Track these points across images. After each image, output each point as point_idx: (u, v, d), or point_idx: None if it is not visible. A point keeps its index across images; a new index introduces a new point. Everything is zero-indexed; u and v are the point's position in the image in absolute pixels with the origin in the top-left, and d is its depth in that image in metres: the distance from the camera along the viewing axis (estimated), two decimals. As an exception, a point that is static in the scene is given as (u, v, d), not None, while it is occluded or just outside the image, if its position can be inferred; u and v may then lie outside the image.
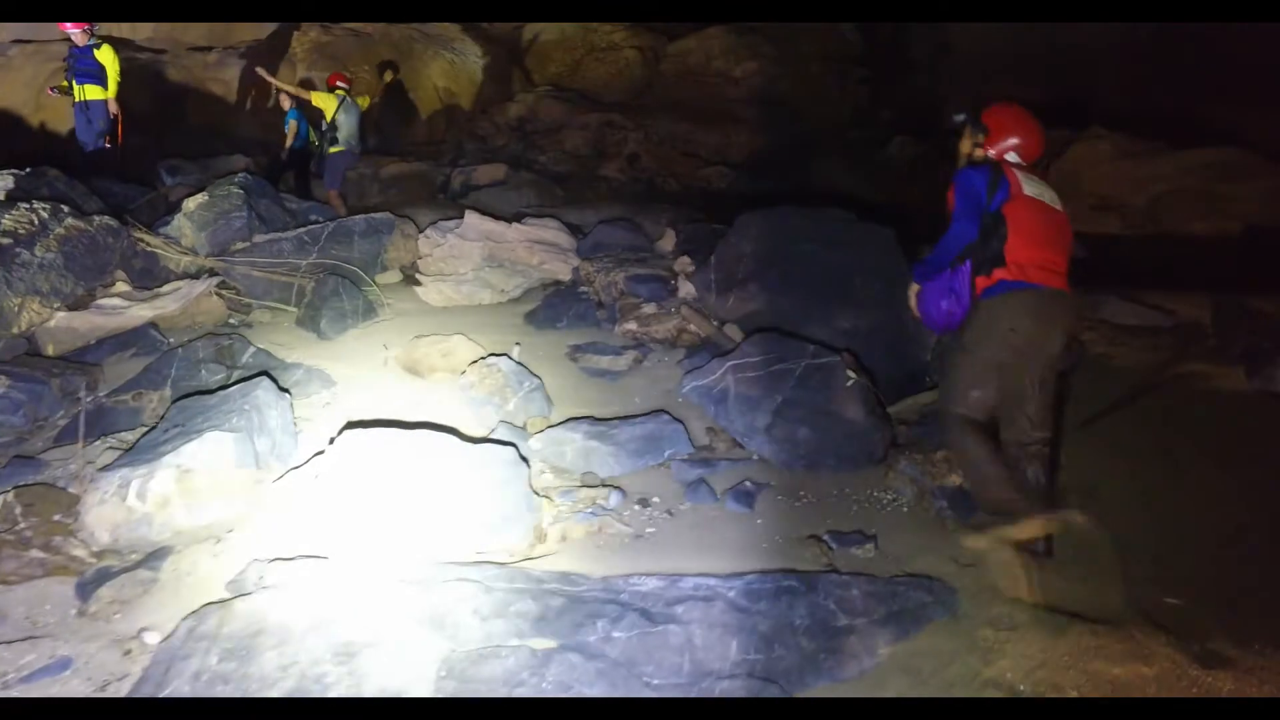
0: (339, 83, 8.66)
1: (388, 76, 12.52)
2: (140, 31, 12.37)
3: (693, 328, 5.20)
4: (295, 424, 4.00)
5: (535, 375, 4.51)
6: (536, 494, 3.08)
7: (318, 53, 12.49)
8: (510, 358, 4.56)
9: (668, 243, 6.73)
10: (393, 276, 6.69)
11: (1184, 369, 4.68)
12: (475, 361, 4.50)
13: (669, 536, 3.02)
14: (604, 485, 3.49)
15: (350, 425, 3.13)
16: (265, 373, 3.86)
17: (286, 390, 3.88)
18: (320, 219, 7.03)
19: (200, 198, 5.90)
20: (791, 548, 2.93)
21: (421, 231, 6.77)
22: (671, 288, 5.67)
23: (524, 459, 3.14)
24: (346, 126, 8.43)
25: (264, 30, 12.68)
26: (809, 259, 5.06)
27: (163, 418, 3.54)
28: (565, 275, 6.28)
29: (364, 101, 8.77)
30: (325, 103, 8.43)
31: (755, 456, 3.96)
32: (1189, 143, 9.05)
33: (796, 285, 4.92)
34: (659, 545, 2.94)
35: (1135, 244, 8.70)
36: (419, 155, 11.31)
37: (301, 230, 6.39)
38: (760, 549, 2.91)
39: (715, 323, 5.17)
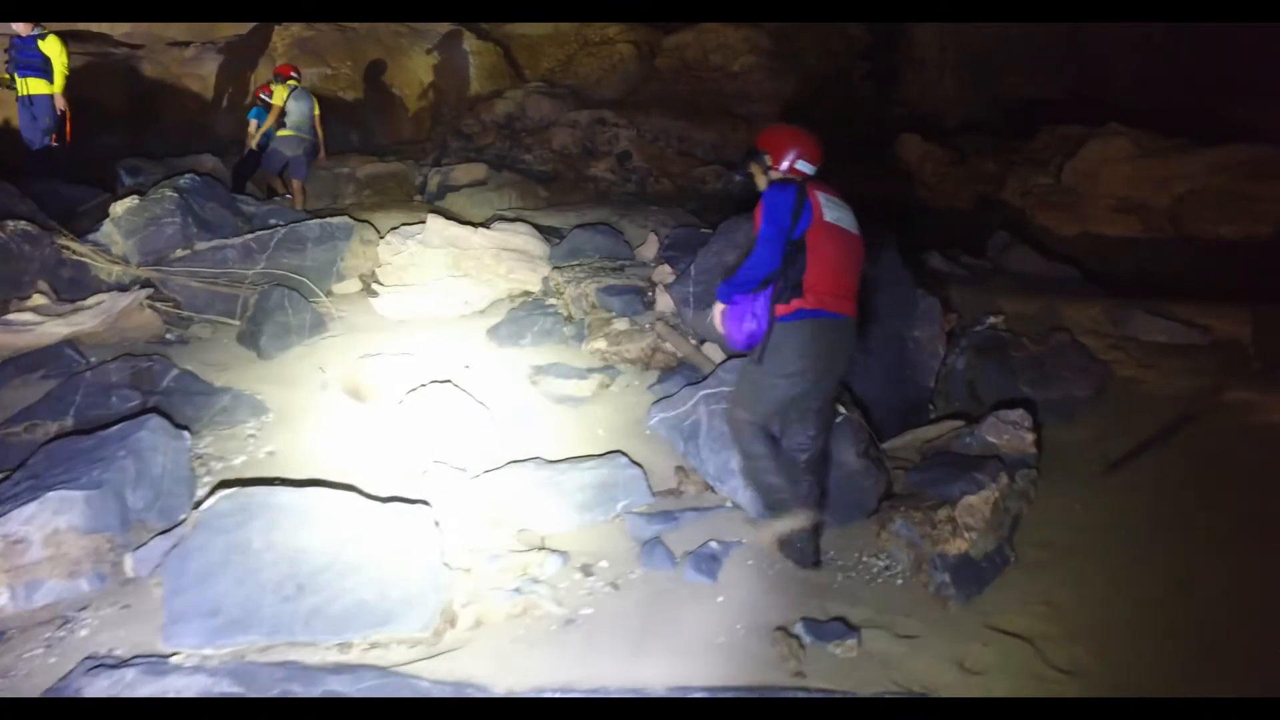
0: (290, 74, 8.26)
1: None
2: (118, 27, 11.91)
3: (668, 347, 4.64)
4: (199, 465, 3.48)
5: (483, 404, 3.97)
6: (449, 566, 2.53)
7: (299, 48, 11.97)
8: (455, 384, 4.03)
9: (650, 249, 6.17)
10: (351, 286, 6.16)
11: (1227, 397, 4.09)
12: (414, 389, 3.97)
13: (607, 622, 2.47)
14: (542, 548, 2.94)
15: (223, 484, 2.59)
16: (156, 409, 3.33)
17: (185, 428, 3.33)
18: (279, 223, 6.51)
19: (129, 202, 5.39)
20: (754, 642, 2.37)
21: (382, 237, 6.23)
22: (648, 300, 5.12)
23: (436, 523, 2.59)
24: (296, 112, 8.09)
25: (246, 25, 12.21)
26: (799, 270, 4.49)
27: (22, 465, 3.01)
28: (535, 285, 5.73)
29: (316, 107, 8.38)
30: (278, 94, 8.04)
31: (729, 503, 3.41)
32: (1212, 139, 8.42)
33: (784, 301, 4.36)
34: (592, 636, 2.39)
35: (1158, 248, 8.11)
36: (402, 154, 10.80)
37: (249, 236, 5.87)
38: (715, 645, 2.35)
39: (694, 341, 4.62)
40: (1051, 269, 6.75)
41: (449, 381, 4.03)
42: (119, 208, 5.33)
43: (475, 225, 6.50)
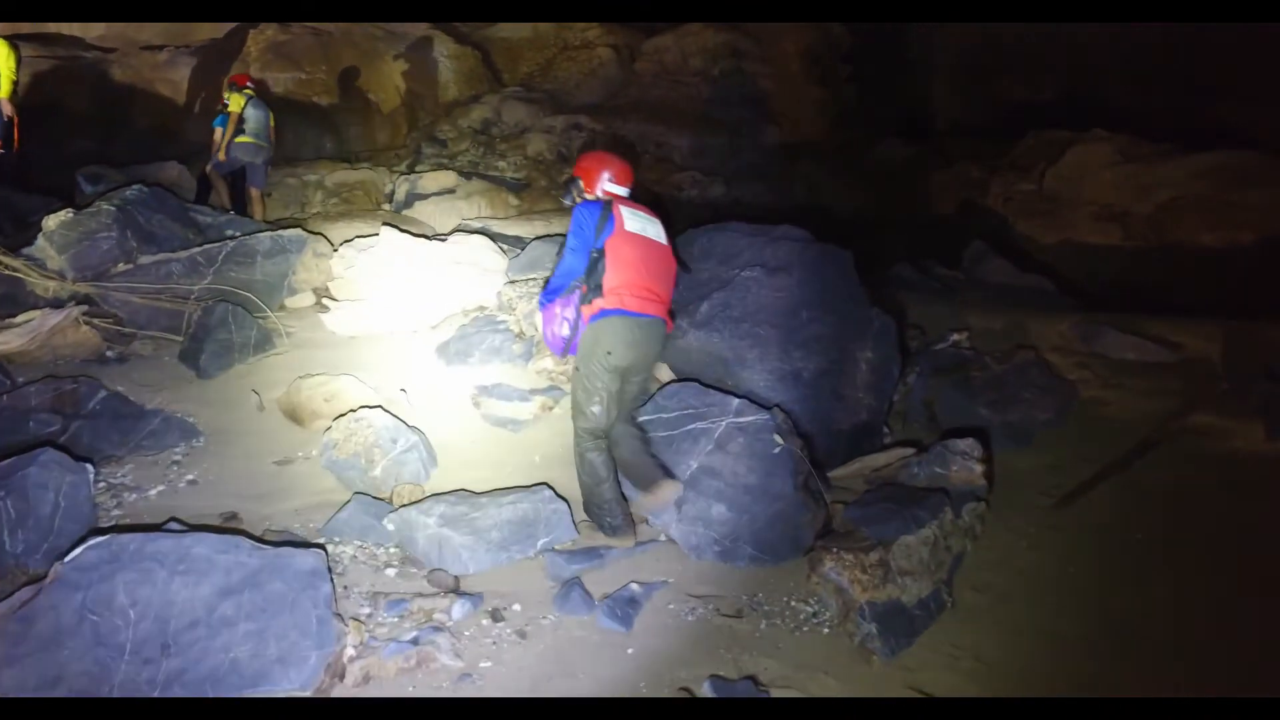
0: (246, 83, 8.13)
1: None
2: (91, 30, 11.74)
3: (616, 367, 4.47)
4: (109, 497, 3.32)
5: (416, 430, 3.80)
6: (340, 616, 2.37)
7: (273, 52, 11.78)
8: (387, 409, 3.86)
9: (611, 261, 6.00)
10: (304, 300, 5.99)
11: (1192, 421, 3.93)
12: (341, 415, 3.80)
13: (502, 678, 2.30)
14: (455, 590, 2.78)
15: (95, 530, 2.43)
16: (51, 442, 3.15)
17: (88, 461, 3.15)
18: (236, 233, 6.34)
19: (63, 215, 5.21)
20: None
21: (336, 249, 6.07)
22: (601, 317, 4.95)
23: (330, 569, 2.43)
24: (254, 120, 7.96)
25: (222, 29, 12.04)
26: (750, 288, 4.33)
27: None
28: (489, 300, 5.56)
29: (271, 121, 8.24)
30: (235, 102, 7.89)
31: (662, 538, 3.25)
32: (1200, 145, 8.25)
33: (733, 320, 4.19)
34: (482, 695, 2.22)
35: (1138, 257, 7.95)
36: (375, 160, 10.63)
37: (196, 250, 5.69)
38: (611, 708, 2.19)
39: (643, 361, 4.45)
40: (1025, 281, 6.58)
41: (379, 407, 3.85)
42: (51, 222, 5.16)
43: (434, 237, 6.35)
